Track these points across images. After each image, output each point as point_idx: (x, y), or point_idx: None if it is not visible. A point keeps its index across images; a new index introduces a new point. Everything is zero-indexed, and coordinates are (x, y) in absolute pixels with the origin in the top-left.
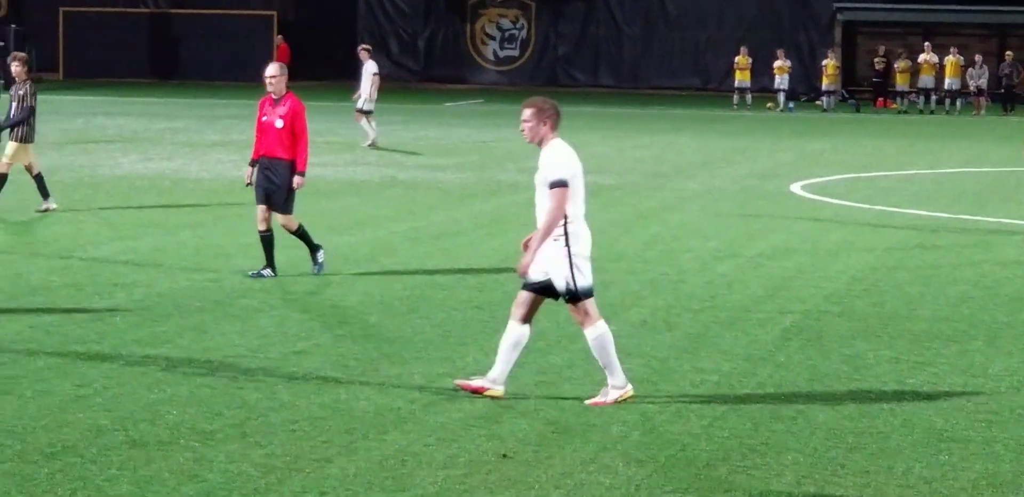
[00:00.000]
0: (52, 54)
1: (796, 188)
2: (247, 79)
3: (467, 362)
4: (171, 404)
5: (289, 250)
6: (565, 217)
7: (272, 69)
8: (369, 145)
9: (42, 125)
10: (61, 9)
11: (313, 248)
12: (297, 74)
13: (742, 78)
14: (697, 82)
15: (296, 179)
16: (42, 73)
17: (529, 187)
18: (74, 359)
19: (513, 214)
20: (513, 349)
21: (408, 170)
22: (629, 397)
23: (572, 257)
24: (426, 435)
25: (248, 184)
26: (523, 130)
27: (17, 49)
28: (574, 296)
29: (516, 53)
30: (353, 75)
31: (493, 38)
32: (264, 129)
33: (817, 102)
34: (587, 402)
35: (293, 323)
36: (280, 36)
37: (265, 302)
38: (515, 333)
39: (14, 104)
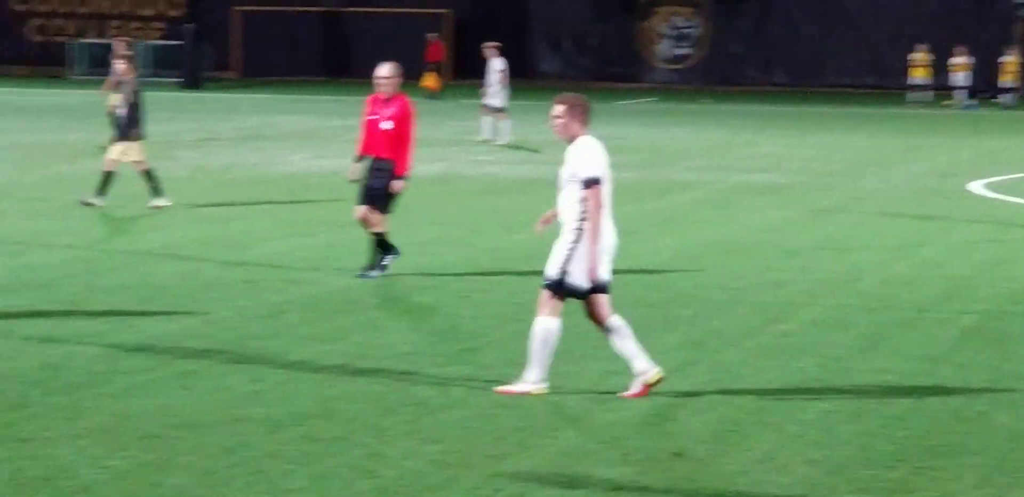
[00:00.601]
0: (227, 53)
1: (975, 187)
2: (419, 77)
3: None
4: (345, 400)
5: (462, 248)
6: (585, 212)
7: (385, 70)
8: (494, 143)
9: (219, 123)
10: (236, 8)
11: (387, 251)
12: (469, 72)
13: (920, 75)
14: (873, 79)
15: (395, 183)
16: (217, 72)
17: (701, 185)
18: (249, 355)
19: (684, 212)
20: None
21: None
22: (541, 392)
23: (575, 251)
24: (599, 433)
25: (352, 181)
26: (554, 126)
27: (194, 49)
28: (555, 285)
29: (689, 51)
30: (525, 74)
31: (666, 36)
32: (371, 128)
33: (996, 99)
34: (499, 389)
35: (465, 320)
36: (434, 34)
37: (439, 299)
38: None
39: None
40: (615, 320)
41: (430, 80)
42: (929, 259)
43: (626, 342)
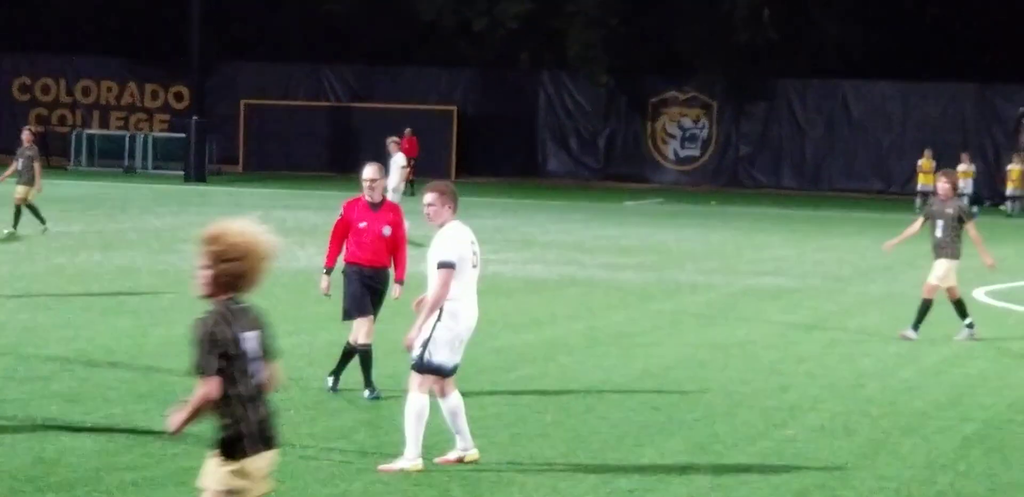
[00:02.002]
0: (233, 146)
1: (979, 294)
2: (427, 173)
3: (643, 463)
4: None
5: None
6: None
7: (372, 171)
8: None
9: (222, 217)
10: (243, 101)
11: (368, 381)
12: (474, 169)
13: (925, 181)
14: (880, 185)
15: (397, 289)
16: (222, 165)
17: (709, 288)
18: None
19: (691, 315)
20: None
21: (587, 269)
22: (416, 470)
23: (435, 331)
24: None
25: (327, 295)
26: (427, 213)
27: (198, 142)
28: (418, 365)
29: (697, 152)
30: (533, 172)
31: (674, 137)
32: (362, 236)
33: (1001, 207)
34: (382, 467)
35: (469, 420)
36: (409, 129)
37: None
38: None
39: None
40: (455, 397)
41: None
42: (933, 365)
43: (460, 419)
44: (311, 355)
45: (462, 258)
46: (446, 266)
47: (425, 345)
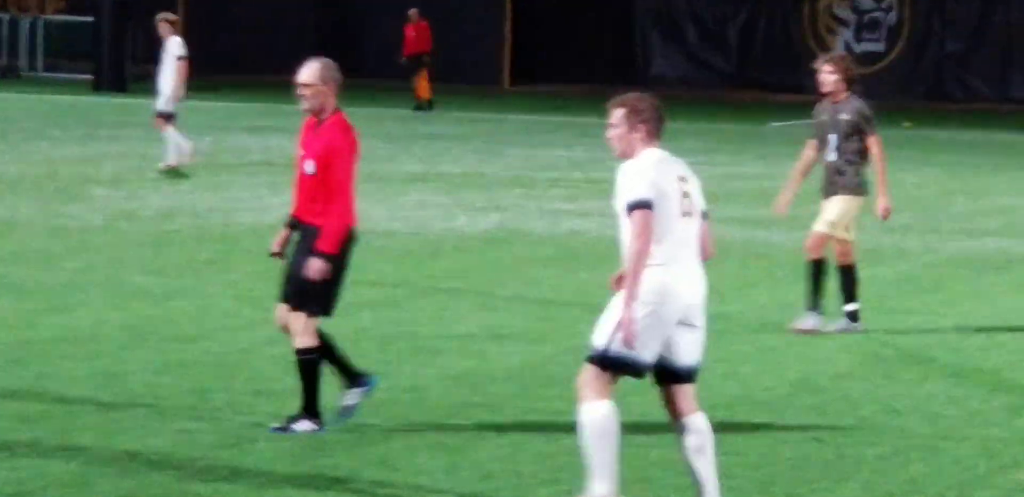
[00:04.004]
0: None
1: None
2: (465, 79)
3: None
4: None
5: (527, 345)
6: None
7: (305, 72)
8: (167, 168)
9: (152, 146)
10: None
11: (352, 380)
12: (538, 74)
13: None
14: None
15: (312, 264)
16: (152, 66)
17: (899, 257)
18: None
19: (875, 297)
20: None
21: (717, 225)
22: None
23: (630, 310)
24: None
25: (274, 254)
26: (610, 138)
27: (115, 31)
28: (599, 357)
29: (881, 47)
30: (631, 78)
31: (845, 24)
32: (299, 173)
33: None
34: None
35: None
36: (415, 10)
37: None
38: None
39: None
40: (698, 420)
41: (422, 84)
42: None
43: (704, 463)
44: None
45: (663, 194)
46: (639, 206)
47: (612, 331)
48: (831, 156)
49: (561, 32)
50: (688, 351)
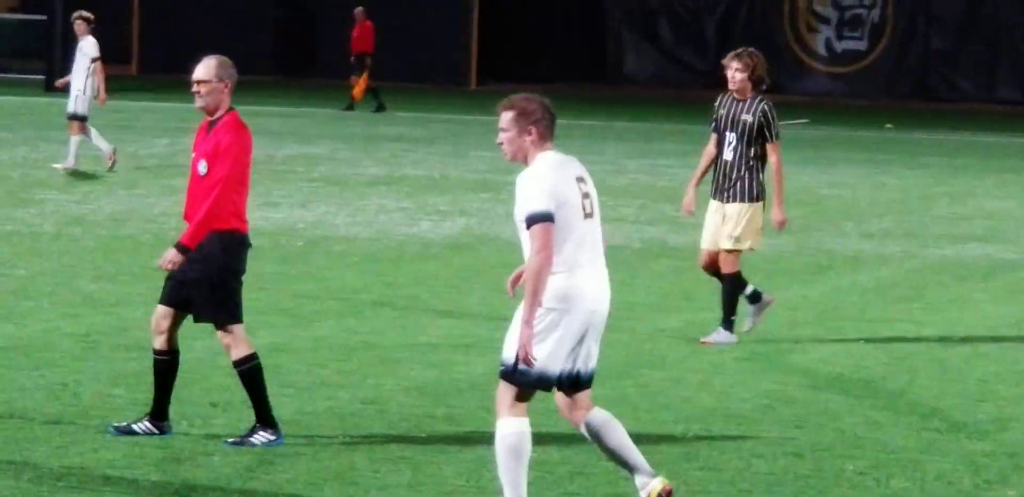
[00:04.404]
0: (123, 36)
1: None
2: (430, 79)
3: None
4: None
5: (490, 356)
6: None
7: (201, 69)
8: (63, 168)
9: (106, 147)
10: None
11: (262, 417)
12: (505, 72)
13: None
14: None
15: (167, 254)
16: (106, 65)
17: (881, 262)
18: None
19: (853, 305)
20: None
21: (684, 231)
22: None
23: (529, 328)
24: None
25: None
26: (500, 142)
27: (67, 29)
28: (508, 373)
29: (863, 46)
30: (601, 76)
31: (826, 21)
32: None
33: None
34: None
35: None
36: (360, 8)
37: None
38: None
39: None
40: (597, 415)
41: (359, 85)
42: None
43: (617, 431)
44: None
45: (563, 203)
46: (539, 219)
47: (525, 343)
48: (727, 155)
49: (529, 29)
50: (592, 356)
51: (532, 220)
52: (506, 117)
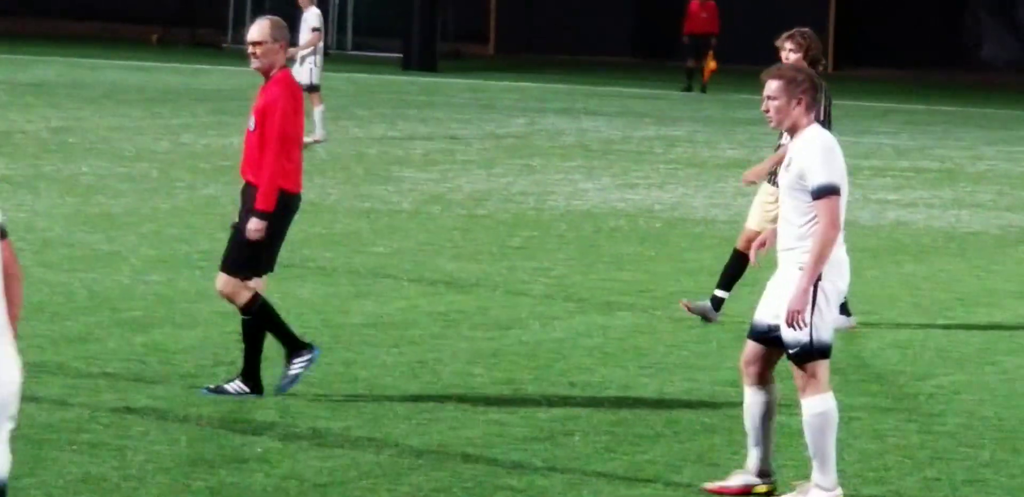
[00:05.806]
0: (479, 15)
1: None
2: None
3: None
4: None
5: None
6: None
7: (255, 31)
8: (313, 142)
9: (464, 127)
10: None
11: (292, 348)
12: (862, 57)
13: None
14: None
15: (251, 223)
16: (463, 44)
17: None
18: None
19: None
20: (761, 424)
21: None
22: None
23: (819, 295)
24: None
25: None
26: (767, 110)
27: (425, 7)
28: (804, 353)
29: None
30: (957, 61)
31: None
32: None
33: None
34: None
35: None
36: None
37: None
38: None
39: None
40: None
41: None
42: None
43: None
44: (606, 348)
45: (843, 178)
46: (829, 192)
47: (809, 319)
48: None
49: (886, 13)
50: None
51: (823, 192)
52: (775, 85)
